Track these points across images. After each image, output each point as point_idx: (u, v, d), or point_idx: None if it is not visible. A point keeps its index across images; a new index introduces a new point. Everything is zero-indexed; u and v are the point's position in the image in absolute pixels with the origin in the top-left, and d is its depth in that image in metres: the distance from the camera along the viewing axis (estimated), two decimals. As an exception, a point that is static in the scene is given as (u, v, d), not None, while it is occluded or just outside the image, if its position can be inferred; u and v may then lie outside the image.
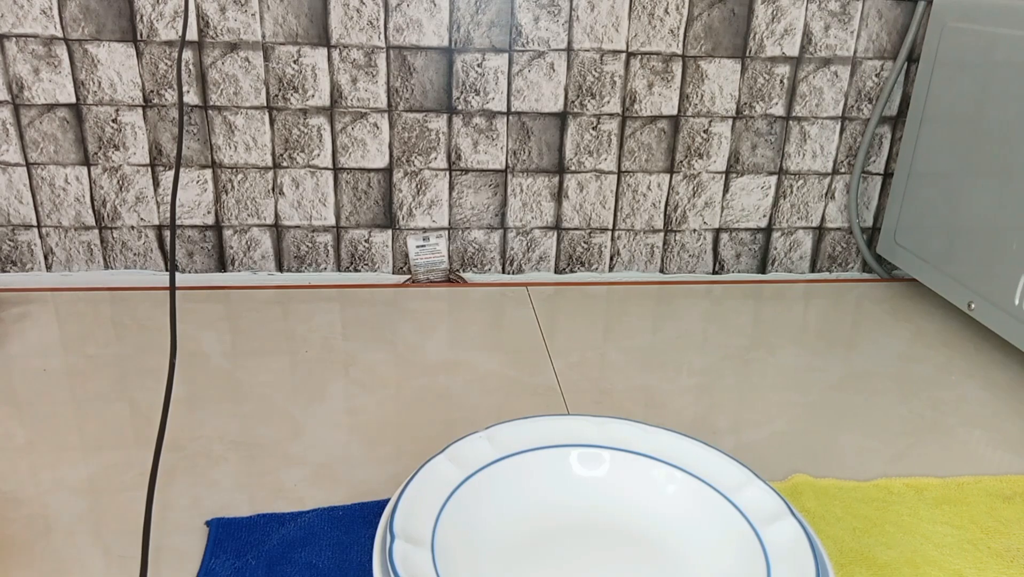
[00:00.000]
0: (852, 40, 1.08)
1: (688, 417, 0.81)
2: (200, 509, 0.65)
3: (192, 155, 1.05)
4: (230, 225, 1.09)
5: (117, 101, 1.02)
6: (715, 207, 1.15)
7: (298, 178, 1.07)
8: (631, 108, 1.08)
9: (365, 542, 0.62)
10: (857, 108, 1.12)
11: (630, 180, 1.12)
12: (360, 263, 1.13)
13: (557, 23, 1.03)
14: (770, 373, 0.90)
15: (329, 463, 0.72)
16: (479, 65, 1.04)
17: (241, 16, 0.99)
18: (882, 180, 1.16)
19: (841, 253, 1.20)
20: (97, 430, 0.75)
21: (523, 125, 1.08)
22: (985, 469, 0.74)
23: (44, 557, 0.60)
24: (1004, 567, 0.62)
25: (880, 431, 0.80)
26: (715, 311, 1.05)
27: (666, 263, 1.18)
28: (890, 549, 0.63)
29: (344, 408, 0.80)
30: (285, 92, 1.03)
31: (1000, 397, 0.87)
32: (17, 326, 0.94)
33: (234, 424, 0.77)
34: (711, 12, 1.05)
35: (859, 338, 0.99)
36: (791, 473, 0.72)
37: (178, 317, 0.97)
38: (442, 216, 1.11)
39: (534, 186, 1.11)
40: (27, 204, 1.05)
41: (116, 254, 1.09)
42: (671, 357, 0.93)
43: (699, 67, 1.07)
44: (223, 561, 0.59)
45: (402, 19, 1.01)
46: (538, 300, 1.06)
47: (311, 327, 0.96)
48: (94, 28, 0.98)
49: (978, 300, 0.94)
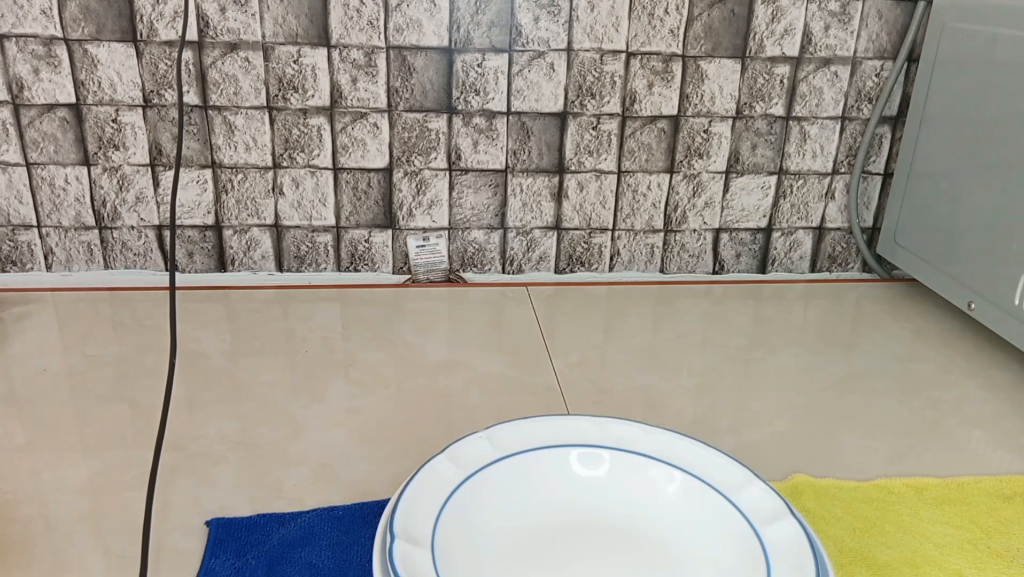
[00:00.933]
0: (852, 40, 1.08)
1: (688, 417, 0.81)
2: (200, 509, 0.65)
3: (192, 155, 1.05)
4: (230, 225, 1.09)
5: (117, 101, 1.02)
6: (715, 207, 1.15)
7: (298, 178, 1.07)
8: (631, 108, 1.08)
9: (365, 542, 0.62)
10: (857, 108, 1.12)
11: (630, 180, 1.12)
12: (360, 263, 1.13)
13: (557, 23, 1.03)
14: (770, 373, 0.90)
15: (329, 463, 0.72)
16: (479, 65, 1.04)
17: (241, 16, 0.99)
18: (882, 180, 1.16)
19: (841, 253, 1.20)
20: (97, 430, 0.75)
21: (523, 125, 1.08)
22: (985, 469, 0.74)
23: (44, 557, 0.60)
24: (1004, 567, 0.62)
25: (880, 431, 0.80)
26: (715, 311, 1.05)
27: (666, 263, 1.18)
28: (890, 549, 0.63)
29: (344, 408, 0.80)
30: (285, 92, 1.03)
31: (1000, 397, 0.87)
32: (17, 326, 0.94)
33: (234, 424, 0.77)
34: (711, 12, 1.05)
35: (859, 338, 0.99)
36: (791, 473, 0.72)
37: (178, 317, 0.97)
38: (442, 216, 1.11)
39: (534, 186, 1.11)
40: (27, 204, 1.05)
41: (116, 254, 1.09)
42: (671, 357, 0.93)
43: (699, 67, 1.07)
44: (223, 561, 0.59)
45: (402, 19, 1.01)
46: (538, 300, 1.06)
47: (311, 327, 0.97)
48: (94, 28, 0.98)
49: (978, 300, 0.94)
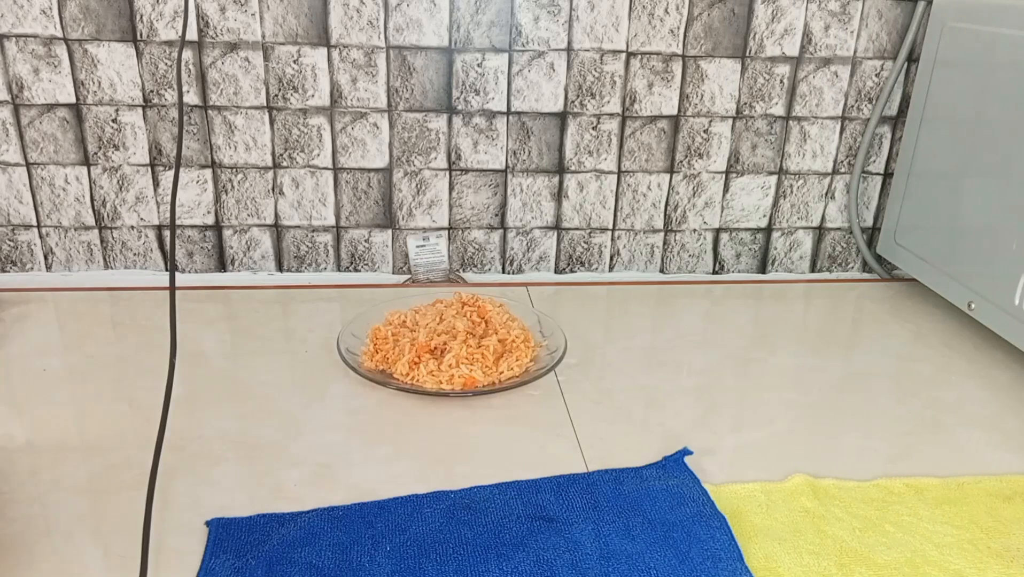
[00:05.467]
0: (852, 40, 1.08)
1: (688, 417, 0.81)
2: (200, 509, 0.65)
3: (192, 155, 1.05)
4: (230, 225, 1.09)
5: (117, 101, 1.02)
6: (715, 207, 1.15)
7: (298, 178, 1.07)
8: (631, 108, 1.08)
9: (365, 542, 0.62)
10: (857, 108, 1.12)
11: (630, 180, 1.12)
12: (360, 263, 1.13)
13: (557, 23, 1.03)
14: (770, 373, 0.90)
15: (329, 463, 0.72)
16: (479, 65, 1.04)
17: (241, 16, 0.99)
18: (882, 180, 1.16)
19: (841, 253, 1.20)
20: (97, 430, 0.75)
21: (523, 125, 1.08)
22: (985, 469, 0.74)
23: (44, 557, 0.60)
24: (1004, 567, 0.62)
25: (880, 431, 0.80)
26: (715, 311, 1.05)
27: (666, 263, 1.17)
28: (890, 549, 0.63)
29: (344, 408, 0.80)
30: (285, 92, 1.03)
31: (1000, 397, 0.87)
32: (17, 326, 0.94)
33: (234, 424, 0.77)
34: (711, 12, 1.05)
35: (859, 338, 0.99)
36: (791, 473, 0.72)
37: (178, 317, 0.97)
38: (442, 216, 1.11)
39: (534, 186, 1.11)
40: (27, 204, 1.05)
41: (116, 254, 1.09)
42: (671, 357, 0.93)
43: (699, 67, 1.07)
44: (223, 561, 0.59)
45: (402, 19, 1.01)
46: (538, 300, 1.06)
47: (311, 327, 0.96)
48: (94, 28, 0.98)
49: (978, 300, 0.94)
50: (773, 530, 0.65)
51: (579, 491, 0.68)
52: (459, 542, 0.62)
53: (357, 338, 0.89)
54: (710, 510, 0.66)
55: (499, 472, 0.71)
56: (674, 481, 0.69)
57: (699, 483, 0.69)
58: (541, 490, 0.68)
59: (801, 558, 0.62)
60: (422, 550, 0.61)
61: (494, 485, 0.69)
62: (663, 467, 0.72)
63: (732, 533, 0.63)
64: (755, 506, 0.67)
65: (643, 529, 0.64)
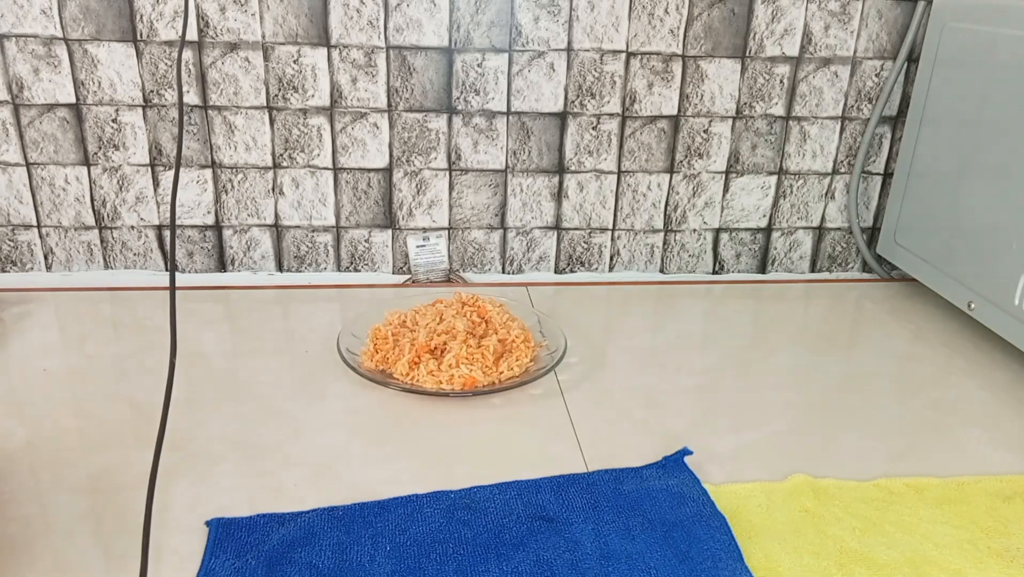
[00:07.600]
0: (852, 40, 1.08)
1: (688, 417, 0.81)
2: (200, 509, 0.65)
3: (192, 155, 1.05)
4: (230, 225, 1.09)
5: (117, 101, 1.02)
6: (715, 207, 1.15)
7: (298, 178, 1.07)
8: (631, 108, 1.08)
9: (365, 542, 0.62)
10: (857, 108, 1.12)
11: (630, 180, 1.12)
12: (360, 263, 1.13)
13: (557, 23, 1.03)
14: (770, 373, 0.90)
15: (329, 463, 0.72)
16: (479, 65, 1.04)
17: (241, 16, 0.99)
18: (882, 180, 1.16)
19: (841, 253, 1.20)
20: (97, 430, 0.75)
21: (523, 125, 1.08)
22: (985, 469, 0.74)
23: (44, 557, 0.60)
24: (1004, 567, 0.62)
25: (880, 431, 0.80)
26: (715, 311, 1.05)
27: (666, 263, 1.17)
28: (890, 549, 0.63)
29: (344, 408, 0.80)
30: (285, 92, 1.03)
31: (1000, 397, 0.87)
32: (17, 326, 0.94)
33: (234, 424, 0.77)
34: (711, 12, 1.05)
35: (859, 338, 0.99)
36: (791, 473, 0.72)
37: (178, 317, 0.97)
38: (442, 216, 1.11)
39: (534, 186, 1.11)
40: (27, 204, 1.05)
41: (116, 254, 1.09)
42: (671, 357, 0.93)
43: (699, 67, 1.07)
44: (223, 561, 0.59)
45: (402, 19, 1.01)
46: (538, 300, 1.06)
47: (311, 327, 0.96)
48: (94, 28, 0.98)
49: (978, 300, 0.94)
50: (773, 530, 0.65)
51: (579, 491, 0.68)
52: (459, 542, 0.62)
53: (357, 338, 0.89)
54: (710, 510, 0.66)
55: (499, 472, 0.71)
56: (674, 481, 0.69)
57: (699, 483, 0.69)
58: (541, 490, 0.68)
59: (801, 558, 0.62)
60: (422, 550, 0.61)
61: (494, 485, 0.69)
62: (663, 467, 0.72)
63: (732, 533, 0.63)
64: (755, 506, 0.67)
65: (643, 529, 0.64)
